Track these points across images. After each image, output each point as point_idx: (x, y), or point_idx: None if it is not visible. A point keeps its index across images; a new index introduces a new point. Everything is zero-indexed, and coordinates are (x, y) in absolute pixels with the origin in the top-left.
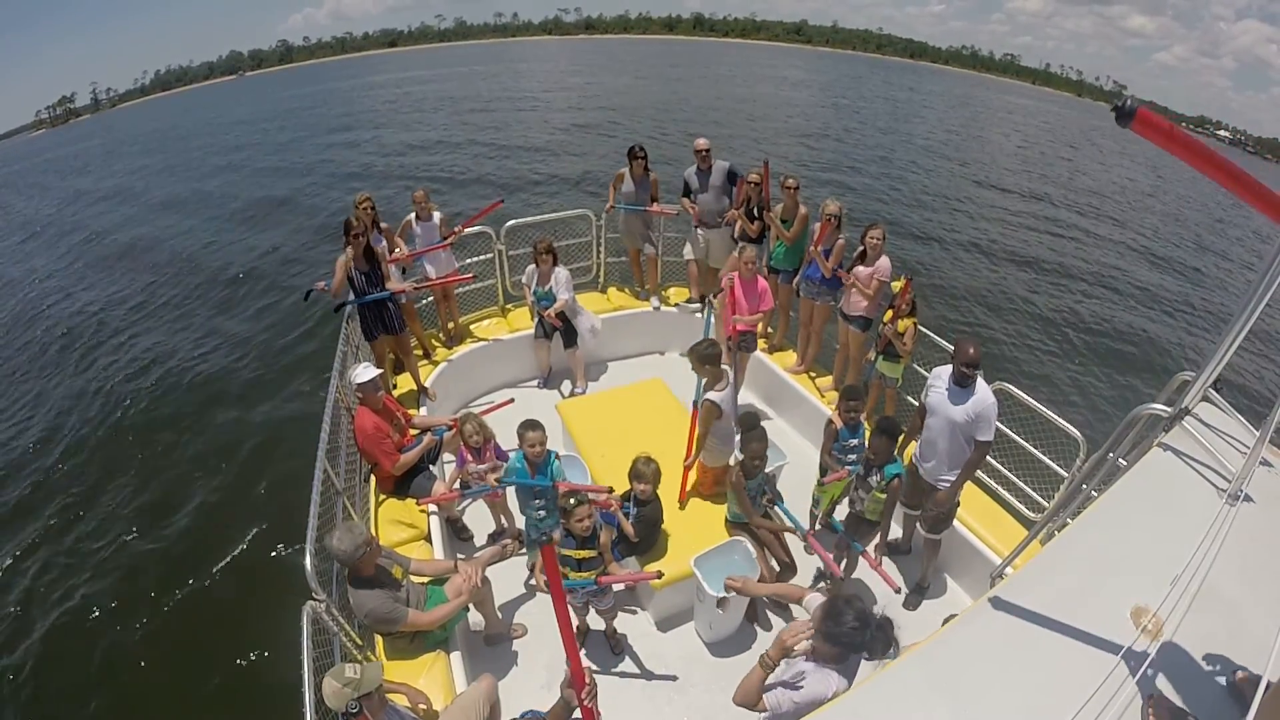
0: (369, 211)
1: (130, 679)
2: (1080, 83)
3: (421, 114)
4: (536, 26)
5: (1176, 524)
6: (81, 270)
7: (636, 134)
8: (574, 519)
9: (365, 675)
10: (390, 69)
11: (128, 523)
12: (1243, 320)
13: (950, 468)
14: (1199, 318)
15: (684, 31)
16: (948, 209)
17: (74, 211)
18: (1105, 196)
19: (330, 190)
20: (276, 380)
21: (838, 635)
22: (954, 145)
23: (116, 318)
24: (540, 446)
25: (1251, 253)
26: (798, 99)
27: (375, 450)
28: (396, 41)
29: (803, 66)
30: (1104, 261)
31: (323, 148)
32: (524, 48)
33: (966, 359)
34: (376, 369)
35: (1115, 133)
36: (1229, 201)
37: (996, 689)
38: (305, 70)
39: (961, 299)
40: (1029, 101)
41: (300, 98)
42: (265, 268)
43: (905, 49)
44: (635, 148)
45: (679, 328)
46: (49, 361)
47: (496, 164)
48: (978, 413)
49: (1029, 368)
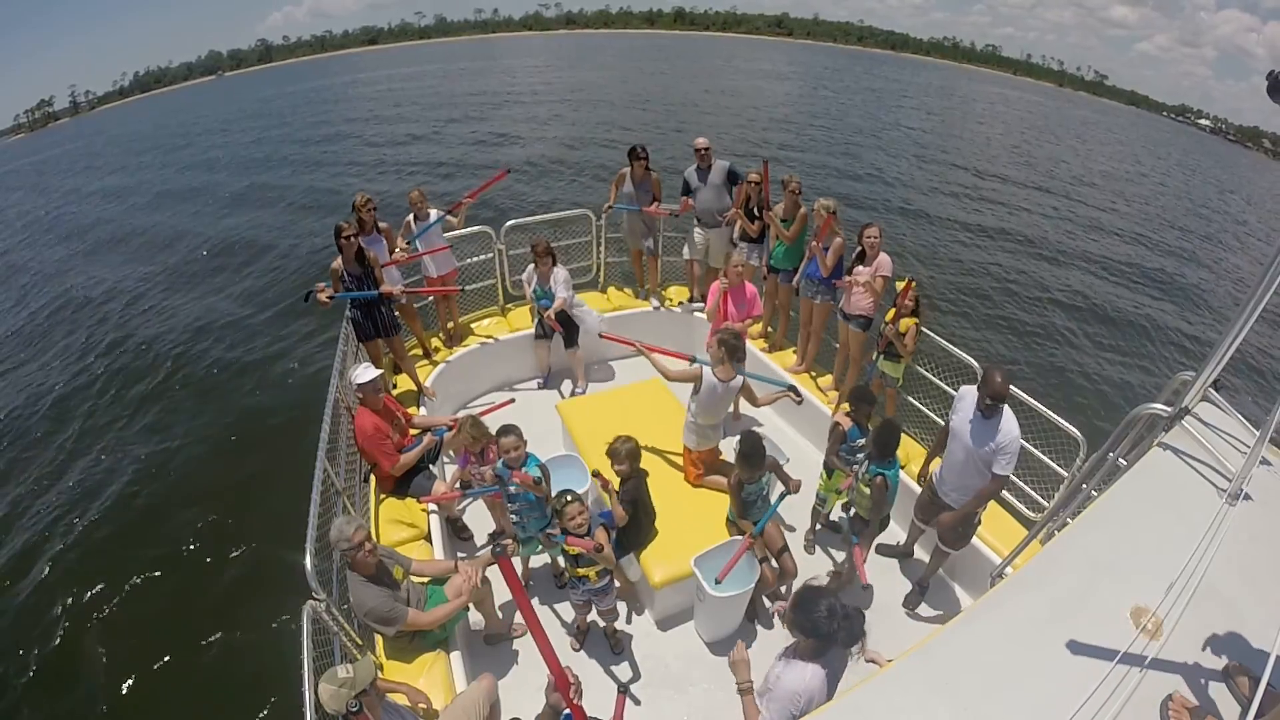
0: (371, 213)
1: (130, 678)
2: (1062, 73)
3: (409, 109)
4: (517, 22)
5: (1176, 524)
6: (80, 266)
7: (628, 129)
8: (566, 518)
9: (359, 673)
10: (370, 67)
11: (127, 523)
12: (1243, 320)
13: (960, 489)
14: (1200, 316)
15: (665, 25)
16: (941, 204)
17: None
18: (1095, 186)
19: (328, 187)
20: (276, 380)
21: (807, 625)
22: (940, 136)
23: (114, 313)
24: (517, 450)
25: (1252, 252)
26: (787, 91)
27: (375, 451)
28: (377, 39)
29: (786, 59)
30: (1104, 259)
31: (311, 146)
32: (506, 44)
33: (992, 391)
34: (377, 369)
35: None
36: (1228, 203)
37: (996, 689)
38: (285, 69)
39: (961, 300)
40: (1012, 92)
41: (285, 96)
42: (263, 269)
43: (887, 41)
44: (636, 148)
45: (679, 328)
46: (49, 355)
47: (489, 161)
48: (1000, 445)
49: (1029, 367)
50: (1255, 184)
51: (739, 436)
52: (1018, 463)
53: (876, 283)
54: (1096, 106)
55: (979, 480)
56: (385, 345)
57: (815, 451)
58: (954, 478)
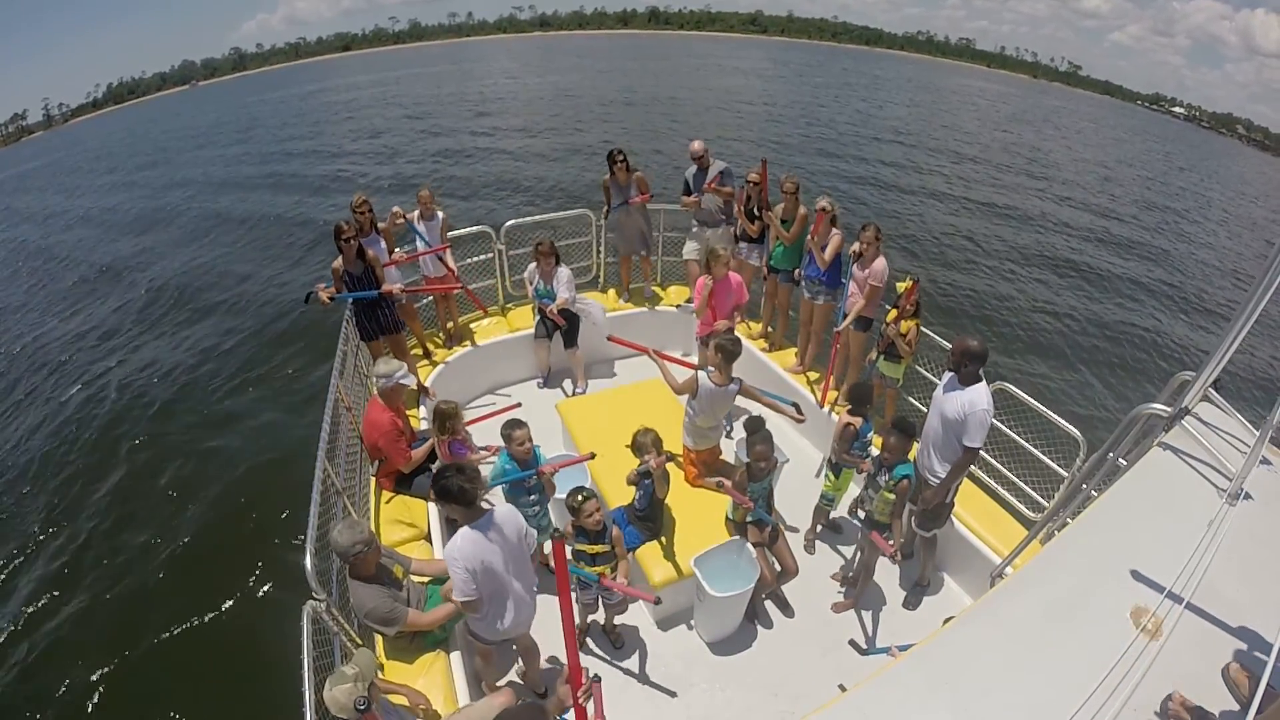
0: (366, 215)
1: (129, 678)
2: (1036, 64)
3: (389, 117)
4: (492, 25)
5: (1176, 524)
6: (65, 291)
7: (610, 130)
8: (583, 515)
9: (362, 666)
10: (345, 73)
11: (127, 523)
12: (1244, 320)
13: (940, 461)
14: (1202, 315)
15: (639, 25)
16: (940, 204)
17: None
18: (1083, 184)
19: (319, 196)
20: (275, 380)
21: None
22: (929, 131)
23: (111, 325)
24: (527, 444)
25: (1252, 251)
26: (771, 89)
27: (390, 448)
28: (350, 45)
29: (765, 56)
30: (1105, 258)
31: (300, 154)
32: (481, 47)
33: (957, 349)
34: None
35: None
36: (1227, 201)
37: (996, 689)
38: (260, 77)
39: (960, 299)
40: (988, 84)
41: (262, 104)
42: (260, 269)
43: (862, 36)
44: (613, 152)
45: (679, 328)
46: (41, 367)
47: (484, 166)
48: (966, 414)
49: (1029, 367)
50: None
51: (743, 421)
52: (1017, 463)
53: (866, 289)
54: (1073, 97)
55: (951, 450)
56: (387, 345)
57: (815, 451)
58: (928, 447)
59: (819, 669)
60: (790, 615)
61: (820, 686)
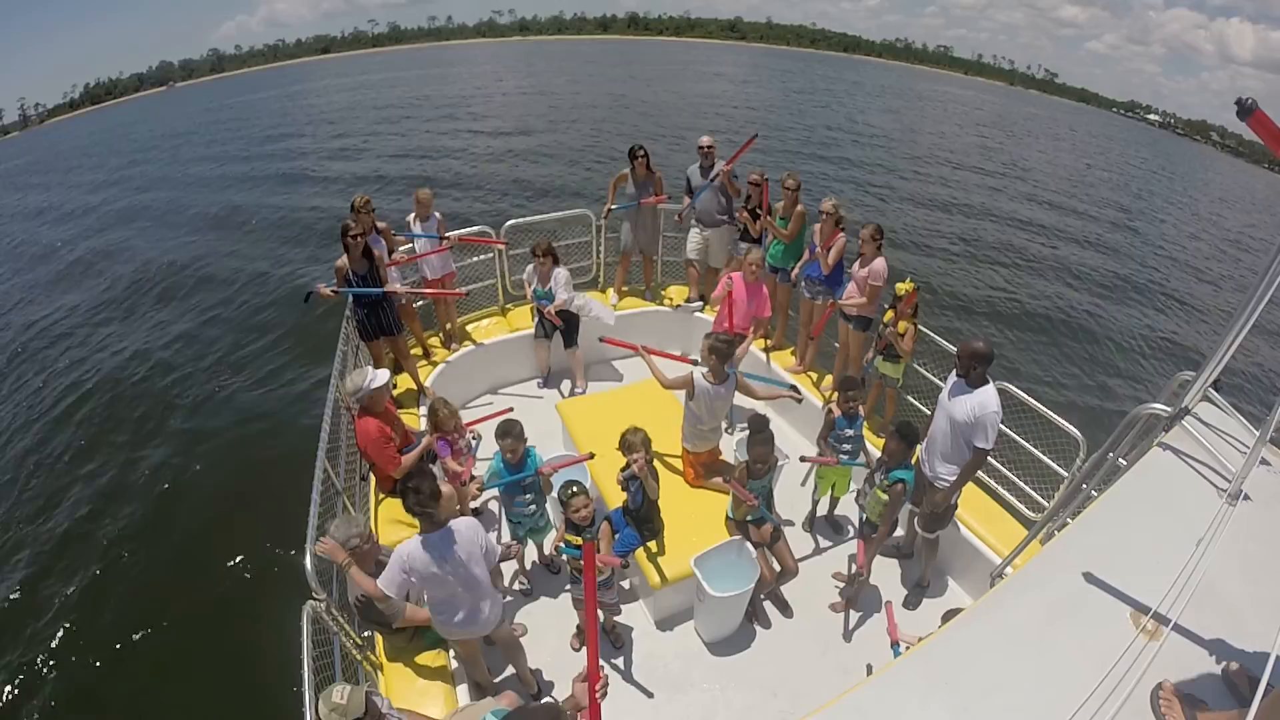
0: (370, 213)
1: (128, 678)
2: (1013, 72)
3: (384, 119)
4: (471, 29)
5: (1176, 524)
6: (65, 282)
7: (599, 132)
8: (571, 509)
9: (351, 701)
10: (323, 76)
11: (125, 523)
12: (1243, 320)
13: (946, 464)
14: (1201, 315)
15: (619, 31)
16: (939, 203)
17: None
18: (1085, 186)
19: (318, 195)
20: (275, 380)
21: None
22: (916, 138)
23: (110, 319)
24: (516, 450)
25: (1251, 250)
26: (749, 94)
27: (378, 456)
28: (330, 48)
29: (746, 60)
30: (1105, 260)
31: (294, 154)
32: (461, 51)
33: (963, 351)
34: (384, 372)
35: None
36: (1228, 199)
37: (996, 689)
38: (239, 79)
39: (961, 298)
40: (963, 91)
41: (236, 106)
42: (259, 269)
43: (840, 43)
44: (635, 148)
45: (679, 327)
46: (44, 364)
47: (470, 166)
48: (977, 416)
49: (1029, 367)
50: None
51: (747, 419)
52: (1017, 463)
53: (865, 289)
54: (1049, 104)
55: (959, 453)
56: (387, 345)
57: (814, 451)
58: (934, 450)
59: (819, 669)
60: (790, 615)
61: (820, 686)
